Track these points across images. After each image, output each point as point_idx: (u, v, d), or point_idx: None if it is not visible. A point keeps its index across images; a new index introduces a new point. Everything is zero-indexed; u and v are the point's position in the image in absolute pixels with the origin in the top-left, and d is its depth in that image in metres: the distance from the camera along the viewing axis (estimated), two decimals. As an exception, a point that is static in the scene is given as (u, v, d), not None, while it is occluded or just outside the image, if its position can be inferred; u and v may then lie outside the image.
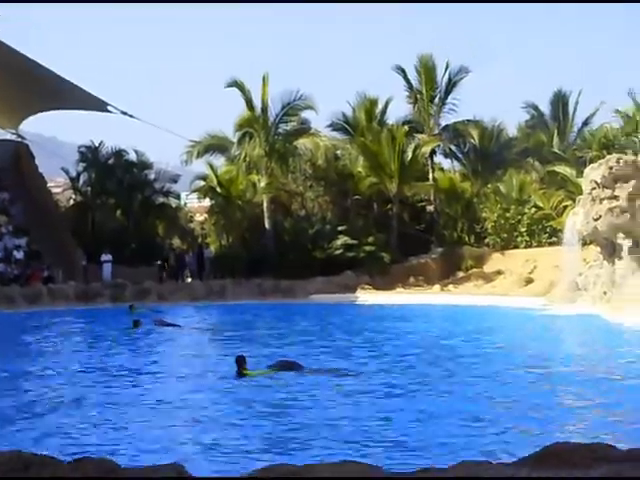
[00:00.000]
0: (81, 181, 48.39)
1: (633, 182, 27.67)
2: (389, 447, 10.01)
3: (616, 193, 27.85)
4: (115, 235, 44.60)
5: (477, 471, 2.96)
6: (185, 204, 59.25)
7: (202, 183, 47.88)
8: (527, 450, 3.54)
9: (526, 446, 5.42)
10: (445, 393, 13.87)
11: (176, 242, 50.49)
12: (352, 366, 16.67)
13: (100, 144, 47.81)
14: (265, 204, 43.83)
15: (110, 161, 47.55)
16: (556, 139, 45.42)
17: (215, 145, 46.23)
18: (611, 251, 29.69)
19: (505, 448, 9.53)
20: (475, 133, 47.32)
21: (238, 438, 10.74)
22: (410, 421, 11.60)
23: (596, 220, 28.45)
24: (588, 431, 10.89)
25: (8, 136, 46.26)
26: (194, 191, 50.60)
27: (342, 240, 42.23)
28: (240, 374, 15.22)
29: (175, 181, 49.39)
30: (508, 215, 42.25)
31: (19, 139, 46.08)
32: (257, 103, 44.43)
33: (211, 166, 46.87)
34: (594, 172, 28.97)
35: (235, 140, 45.49)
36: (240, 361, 15.37)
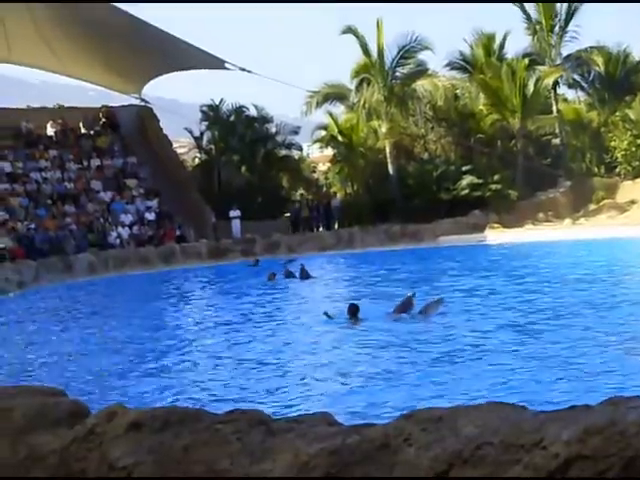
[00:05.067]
0: (204, 140, 49.17)
1: None
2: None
3: None
4: (241, 191, 45.21)
5: (625, 408, 2.84)
6: (307, 155, 59.47)
7: (323, 133, 48.01)
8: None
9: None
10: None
11: (301, 193, 50.77)
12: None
13: (221, 102, 48.38)
14: (387, 149, 43.66)
15: (231, 118, 48.05)
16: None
17: (333, 94, 46.26)
18: None
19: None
20: (600, 60, 45.81)
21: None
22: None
23: None
24: None
25: (132, 101, 47.06)
26: (315, 141, 50.74)
27: (467, 180, 41.68)
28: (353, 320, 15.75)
29: (296, 133, 49.63)
30: (639, 142, 40.88)
31: (142, 103, 46.77)
32: (372, 49, 44.14)
33: (331, 115, 46.94)
34: None
35: (353, 87, 45.41)
36: (353, 310, 15.86)
